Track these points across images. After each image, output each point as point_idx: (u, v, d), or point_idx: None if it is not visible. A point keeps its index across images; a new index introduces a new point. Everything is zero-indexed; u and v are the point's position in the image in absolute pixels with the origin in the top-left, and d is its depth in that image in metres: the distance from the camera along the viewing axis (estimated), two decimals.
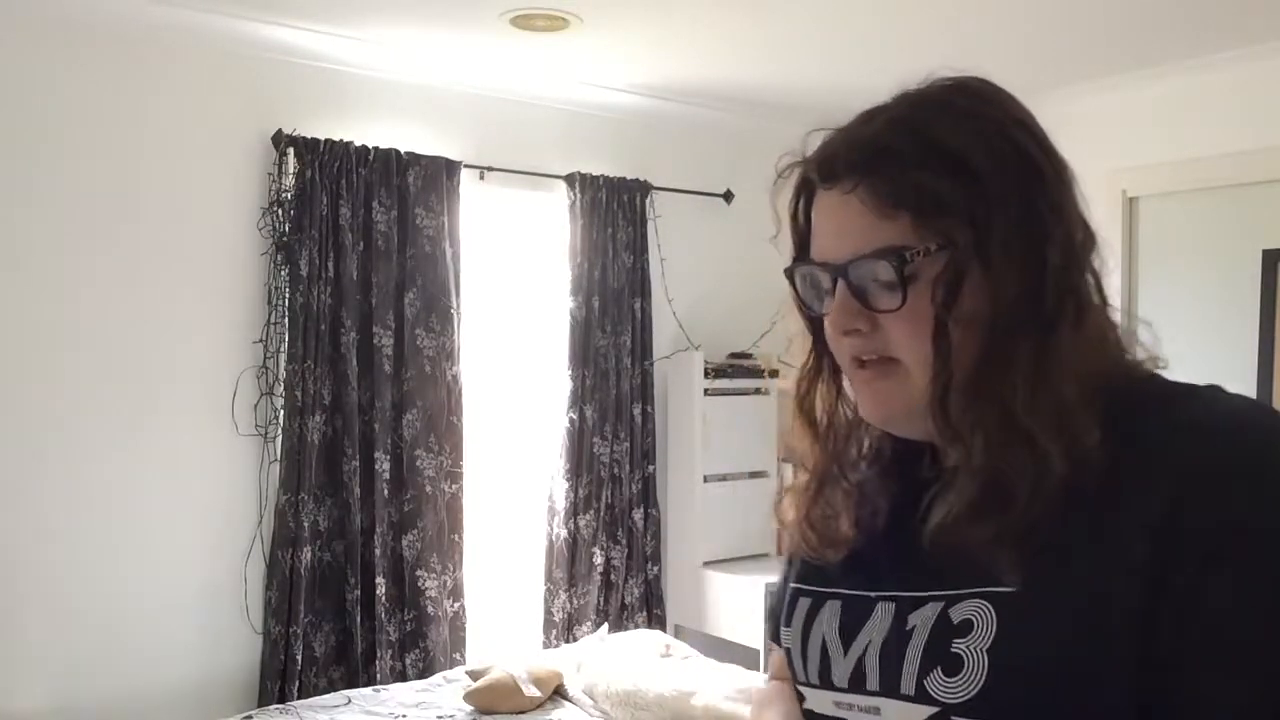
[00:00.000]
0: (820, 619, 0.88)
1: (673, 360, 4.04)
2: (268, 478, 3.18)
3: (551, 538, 3.76)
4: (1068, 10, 2.94)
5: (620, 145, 3.93)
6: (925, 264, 0.77)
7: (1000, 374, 0.76)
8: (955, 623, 0.76)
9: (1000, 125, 0.80)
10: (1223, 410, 0.75)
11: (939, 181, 0.77)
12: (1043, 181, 0.79)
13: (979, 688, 0.73)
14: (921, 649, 0.77)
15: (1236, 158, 3.29)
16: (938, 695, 0.75)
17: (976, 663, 0.73)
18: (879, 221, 0.78)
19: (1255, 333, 3.27)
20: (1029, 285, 0.77)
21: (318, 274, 3.17)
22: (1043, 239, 0.77)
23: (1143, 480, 0.71)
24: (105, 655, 2.95)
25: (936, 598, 0.78)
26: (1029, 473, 0.73)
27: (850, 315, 0.81)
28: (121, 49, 2.96)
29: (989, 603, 0.74)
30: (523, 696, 2.94)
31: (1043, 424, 0.74)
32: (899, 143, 0.79)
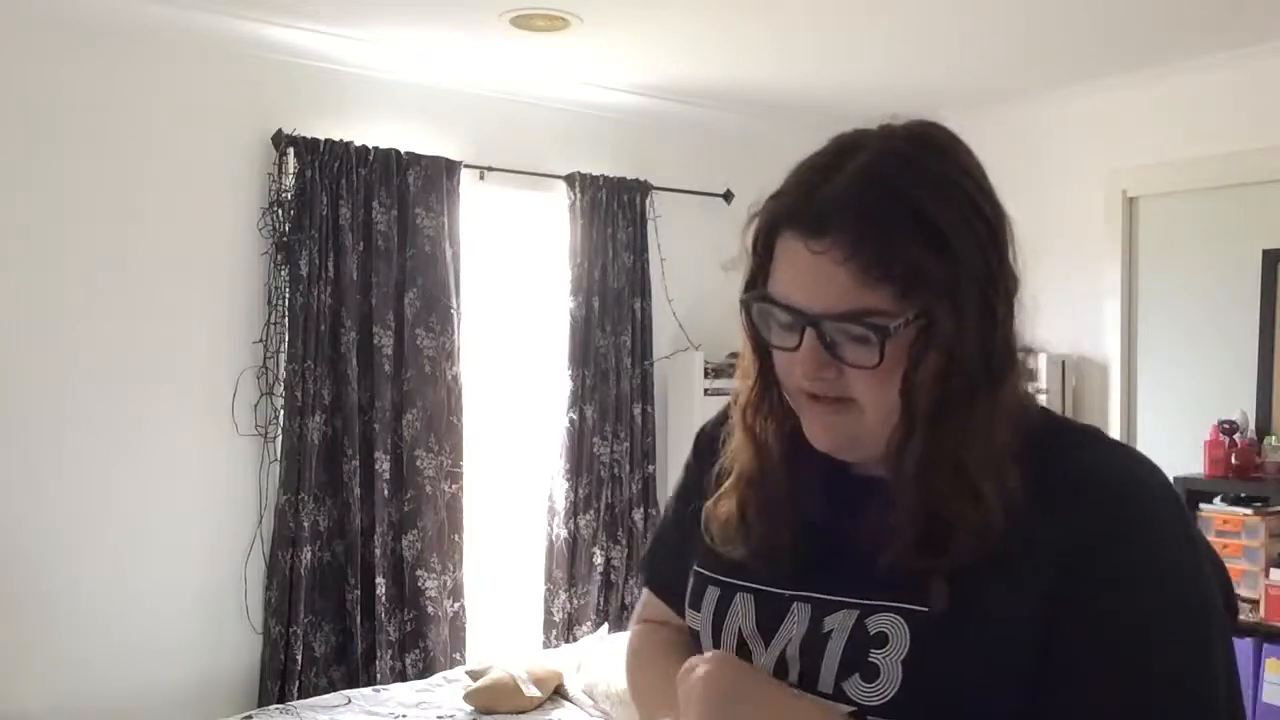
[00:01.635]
0: (734, 611, 0.93)
1: (673, 360, 4.04)
2: (268, 478, 3.18)
3: (551, 538, 3.76)
4: (1067, 10, 2.94)
5: (620, 145, 3.93)
6: (906, 331, 0.81)
7: (956, 430, 0.82)
8: (871, 634, 0.82)
9: (965, 189, 0.83)
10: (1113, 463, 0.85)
11: (923, 256, 0.80)
12: (995, 238, 0.84)
13: (893, 693, 0.80)
14: (839, 654, 0.84)
15: (1236, 158, 3.29)
16: (855, 698, 0.82)
17: (891, 672, 0.80)
18: (859, 286, 0.80)
19: (1255, 333, 3.27)
20: (984, 344, 0.82)
21: (318, 274, 3.17)
22: (995, 296, 0.83)
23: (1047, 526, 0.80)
24: (105, 655, 2.95)
25: (850, 605, 0.85)
26: (974, 521, 0.80)
27: (819, 365, 0.84)
28: (121, 49, 2.96)
29: (903, 618, 0.81)
30: (523, 696, 2.94)
31: (989, 478, 0.81)
32: (886, 211, 0.80)
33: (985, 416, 0.82)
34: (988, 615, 0.79)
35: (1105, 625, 0.78)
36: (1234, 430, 3.16)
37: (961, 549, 0.80)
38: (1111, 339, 3.61)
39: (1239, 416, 3.20)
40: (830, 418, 0.87)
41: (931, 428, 0.82)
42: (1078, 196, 3.69)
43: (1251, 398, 3.26)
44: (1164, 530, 0.81)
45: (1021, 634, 0.78)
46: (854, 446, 0.88)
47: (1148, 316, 3.58)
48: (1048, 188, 3.72)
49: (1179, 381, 3.48)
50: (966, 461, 0.81)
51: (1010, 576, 0.79)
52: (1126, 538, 0.79)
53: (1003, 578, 0.79)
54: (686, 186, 4.05)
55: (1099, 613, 0.78)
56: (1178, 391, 3.47)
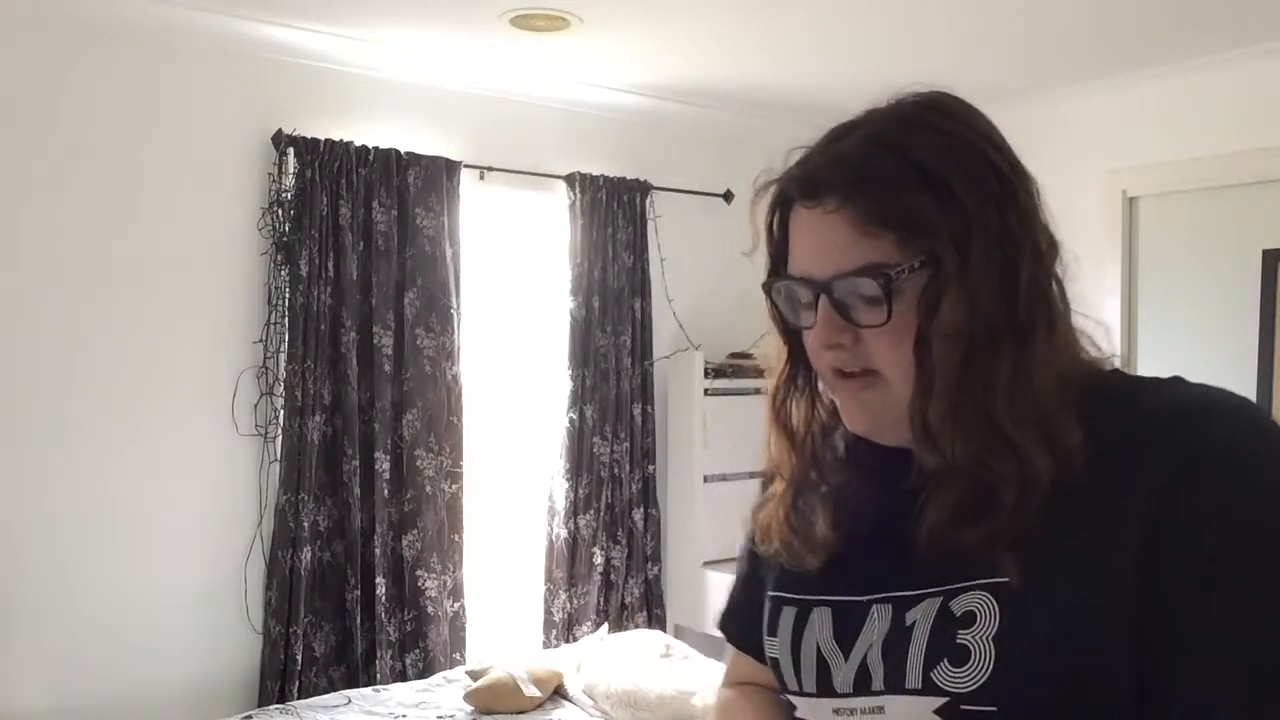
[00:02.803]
0: (810, 627, 0.88)
1: (673, 360, 4.04)
2: (268, 478, 3.18)
3: (551, 538, 3.76)
4: (1067, 10, 2.94)
5: (620, 145, 3.93)
6: (908, 280, 0.79)
7: (981, 383, 0.78)
8: (958, 615, 0.77)
9: (972, 142, 0.83)
10: (1190, 398, 0.78)
11: (922, 202, 0.79)
12: (1013, 196, 0.82)
13: (987, 675, 0.75)
14: (925, 642, 0.79)
15: (1236, 158, 3.29)
16: (945, 686, 0.76)
17: (983, 651, 0.75)
18: (862, 239, 0.80)
19: (1255, 333, 3.27)
20: (1005, 297, 0.79)
21: (318, 274, 3.17)
22: (1015, 252, 0.80)
23: (1129, 471, 0.74)
24: (105, 655, 2.95)
25: (933, 594, 0.80)
26: (1014, 477, 0.76)
27: (834, 330, 0.82)
28: (121, 49, 2.96)
29: (990, 594, 0.76)
30: (523, 696, 2.94)
31: (1025, 429, 0.77)
32: (881, 162, 0.81)
33: (1013, 368, 0.78)
34: (1077, 574, 0.74)
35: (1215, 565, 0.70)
36: None
37: (1008, 510, 0.75)
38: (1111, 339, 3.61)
39: None
40: (860, 394, 0.84)
41: (952, 384, 0.79)
42: (1078, 196, 3.69)
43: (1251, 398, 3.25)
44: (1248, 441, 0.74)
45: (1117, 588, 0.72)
46: (891, 425, 0.84)
47: (1148, 316, 3.58)
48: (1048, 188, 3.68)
49: None
50: (994, 414, 0.77)
51: (1094, 528, 0.74)
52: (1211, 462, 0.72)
53: (1087, 531, 0.74)
54: (686, 186, 4.04)
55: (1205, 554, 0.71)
56: None
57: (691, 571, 3.99)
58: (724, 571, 3.89)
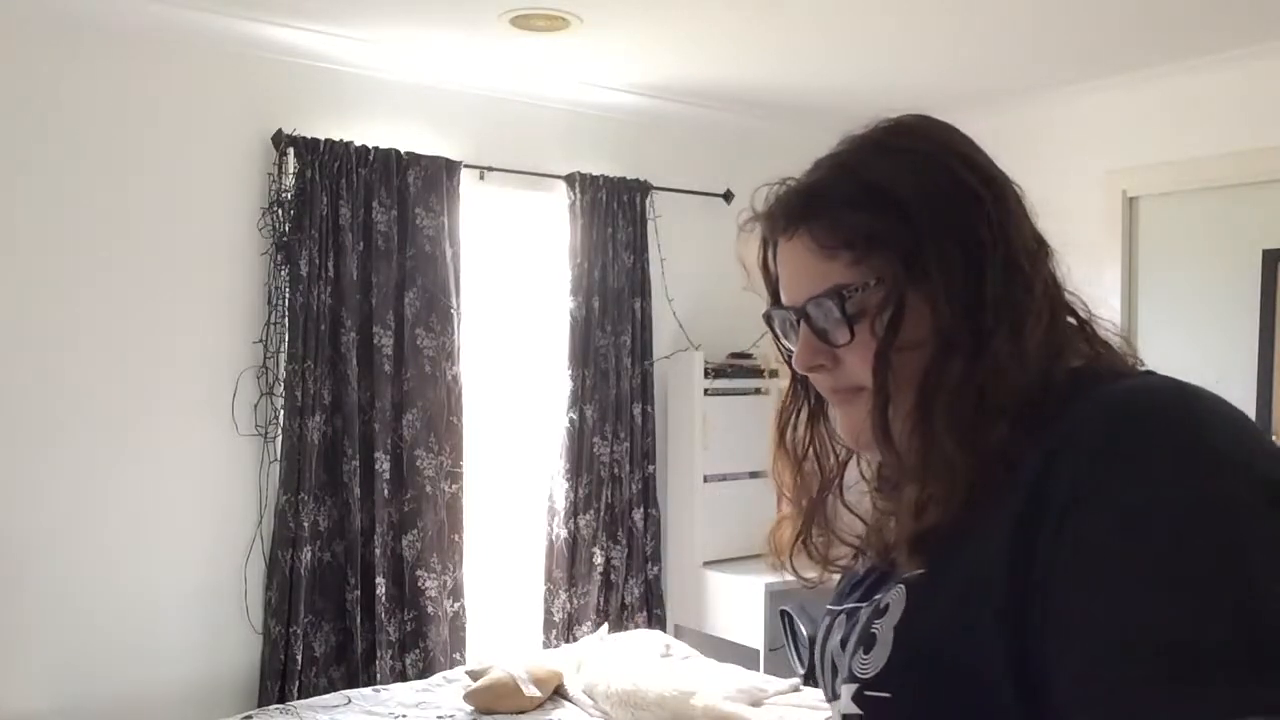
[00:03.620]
0: (831, 636, 0.92)
1: (673, 360, 4.04)
2: (268, 478, 3.18)
3: (551, 538, 3.76)
4: (1068, 10, 2.94)
5: (620, 145, 3.93)
6: (868, 298, 0.82)
7: (930, 393, 0.80)
8: (880, 607, 0.81)
9: (929, 156, 0.84)
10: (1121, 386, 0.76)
11: (870, 220, 0.81)
12: (977, 205, 0.82)
13: (884, 662, 0.78)
14: (856, 635, 0.83)
15: (1236, 158, 3.29)
16: (856, 672, 0.80)
17: (885, 640, 0.79)
18: (823, 262, 0.83)
19: (1255, 333, 3.27)
20: (965, 306, 0.80)
21: (318, 274, 3.17)
22: (981, 261, 0.80)
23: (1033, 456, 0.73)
24: (105, 655, 2.95)
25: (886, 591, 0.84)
26: (944, 479, 0.78)
27: (812, 353, 0.86)
28: (121, 49, 2.96)
29: (904, 586, 0.80)
30: (523, 696, 2.94)
31: (954, 436, 0.78)
32: (833, 186, 0.84)
33: (962, 376, 0.78)
34: (963, 567, 0.74)
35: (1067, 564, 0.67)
36: None
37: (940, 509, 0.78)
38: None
39: None
40: (848, 409, 0.87)
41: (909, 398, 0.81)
42: (1078, 196, 3.69)
43: (1251, 398, 3.26)
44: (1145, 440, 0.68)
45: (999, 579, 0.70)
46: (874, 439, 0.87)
47: (1148, 316, 3.58)
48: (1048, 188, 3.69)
49: None
50: (934, 420, 0.79)
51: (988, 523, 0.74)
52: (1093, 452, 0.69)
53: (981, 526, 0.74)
54: (686, 186, 4.04)
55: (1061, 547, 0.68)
56: None
57: (691, 571, 3.99)
58: (724, 571, 3.89)
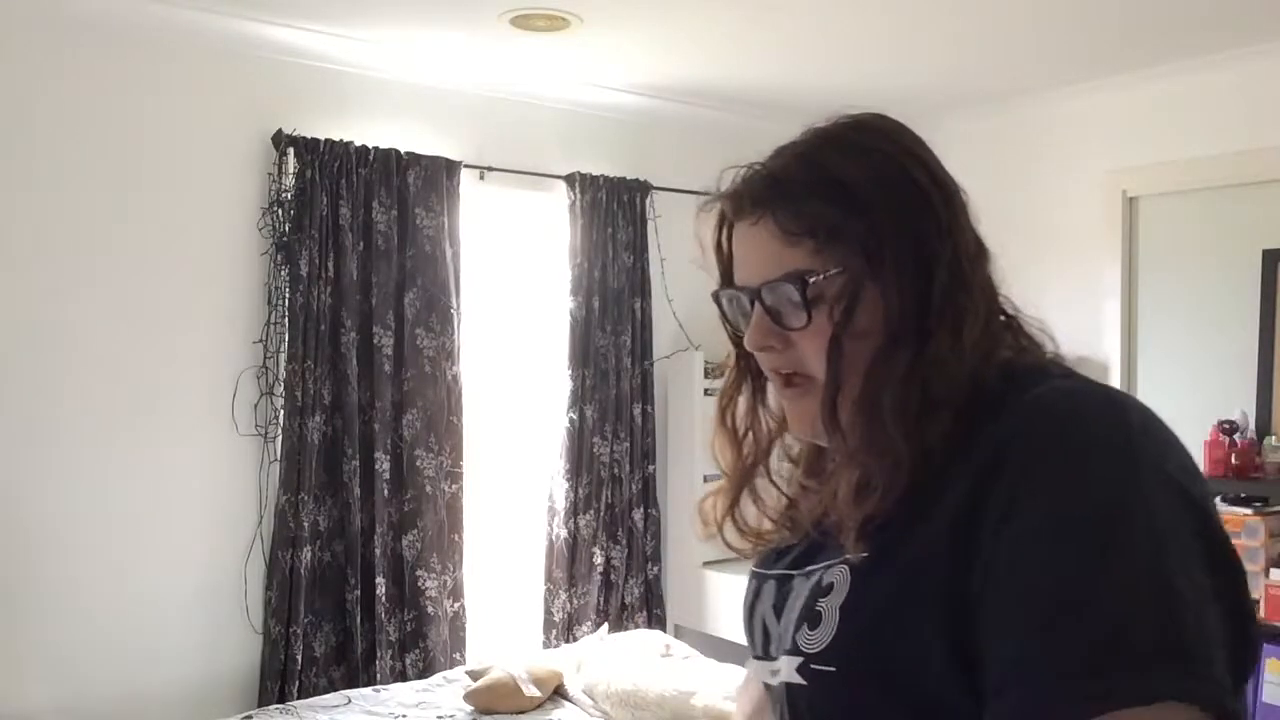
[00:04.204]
0: (761, 600, 0.96)
1: (673, 360, 4.03)
2: (268, 478, 3.18)
3: (551, 538, 3.76)
4: (1068, 10, 2.94)
5: (620, 145, 3.93)
6: (826, 285, 0.85)
7: (877, 383, 0.84)
8: (823, 585, 0.85)
9: (890, 157, 0.88)
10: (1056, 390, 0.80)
11: (833, 212, 0.85)
12: (930, 208, 0.86)
13: (830, 638, 0.82)
14: (798, 609, 0.87)
15: (1236, 158, 3.29)
16: (802, 647, 0.84)
17: (830, 618, 0.82)
18: (785, 249, 0.87)
19: (1255, 333, 3.27)
20: (914, 301, 0.84)
21: (318, 274, 3.17)
22: (930, 261, 0.85)
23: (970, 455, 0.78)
24: (105, 655, 2.95)
25: (824, 568, 0.88)
26: (884, 465, 0.82)
27: (764, 334, 0.89)
28: (121, 49, 2.96)
29: (847, 566, 0.84)
30: (523, 696, 2.94)
31: (901, 424, 0.82)
32: (798, 175, 0.88)
33: (908, 367, 0.83)
34: (908, 553, 0.79)
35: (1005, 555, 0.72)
36: (1234, 430, 3.16)
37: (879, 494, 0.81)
38: (1111, 339, 3.61)
39: (1239, 416, 3.19)
40: (801, 399, 0.90)
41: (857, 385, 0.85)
42: (1078, 196, 3.69)
43: (1251, 398, 3.26)
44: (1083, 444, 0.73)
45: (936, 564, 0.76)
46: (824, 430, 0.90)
47: (1148, 316, 3.58)
48: (1048, 188, 3.72)
49: (1179, 381, 3.48)
50: (880, 408, 0.83)
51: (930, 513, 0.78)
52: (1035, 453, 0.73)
53: (924, 515, 0.79)
54: (686, 186, 4.04)
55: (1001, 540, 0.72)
56: (1178, 391, 3.46)
57: (691, 571, 3.99)
58: (724, 571, 3.89)
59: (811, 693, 0.83)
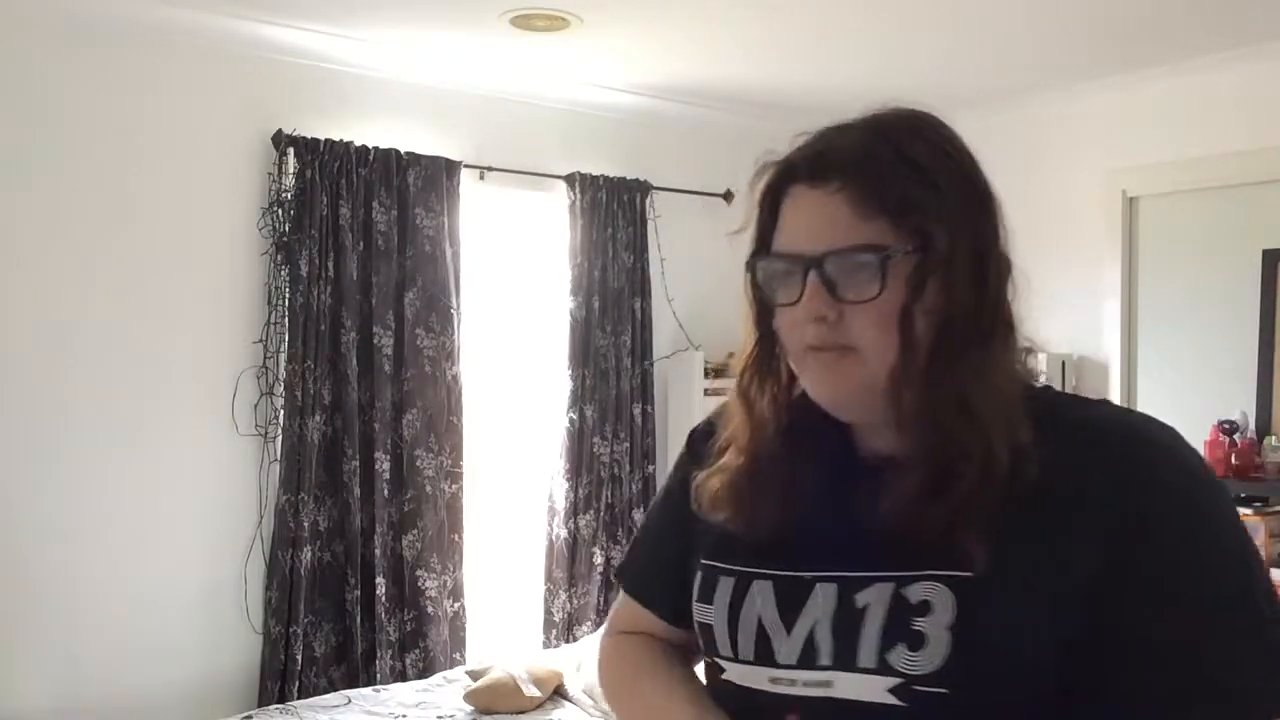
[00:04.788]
0: (751, 599, 0.92)
1: (673, 360, 4.04)
2: (268, 478, 3.18)
3: (551, 538, 3.76)
4: (1067, 11, 2.94)
5: (620, 145, 3.93)
6: (901, 262, 0.85)
7: (954, 368, 0.84)
8: (913, 602, 0.82)
9: (960, 151, 0.90)
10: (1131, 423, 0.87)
11: (917, 191, 0.85)
12: (987, 210, 0.90)
13: (940, 661, 0.80)
14: (880, 626, 0.83)
15: (1236, 158, 3.29)
16: (900, 667, 0.82)
17: (938, 640, 0.80)
18: (859, 221, 0.85)
19: (1255, 333, 3.27)
20: (976, 294, 0.86)
21: (318, 274, 3.17)
22: (987, 257, 0.88)
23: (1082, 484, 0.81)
24: (105, 655, 2.95)
25: (884, 579, 0.85)
26: (979, 459, 0.82)
27: (820, 303, 0.87)
28: (121, 49, 2.96)
29: (944, 585, 0.82)
30: (523, 696, 2.94)
31: (991, 415, 0.83)
32: (882, 151, 0.87)
33: (982, 359, 0.85)
34: (1034, 575, 0.80)
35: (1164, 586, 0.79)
36: (1234, 430, 3.16)
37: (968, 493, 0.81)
38: (1111, 339, 3.61)
39: (1239, 416, 3.20)
40: (832, 366, 0.88)
41: (931, 362, 0.84)
42: (1078, 196, 3.69)
43: (1251, 398, 3.26)
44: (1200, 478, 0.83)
45: (1071, 593, 0.79)
46: (856, 400, 0.89)
47: (1148, 316, 3.58)
48: (1048, 188, 3.72)
49: (1179, 381, 3.48)
50: (969, 397, 0.83)
51: (1054, 534, 0.81)
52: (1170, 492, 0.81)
53: (1046, 536, 0.81)
54: (686, 186, 4.05)
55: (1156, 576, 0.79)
56: (1178, 391, 3.46)
57: None
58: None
59: (910, 714, 0.82)
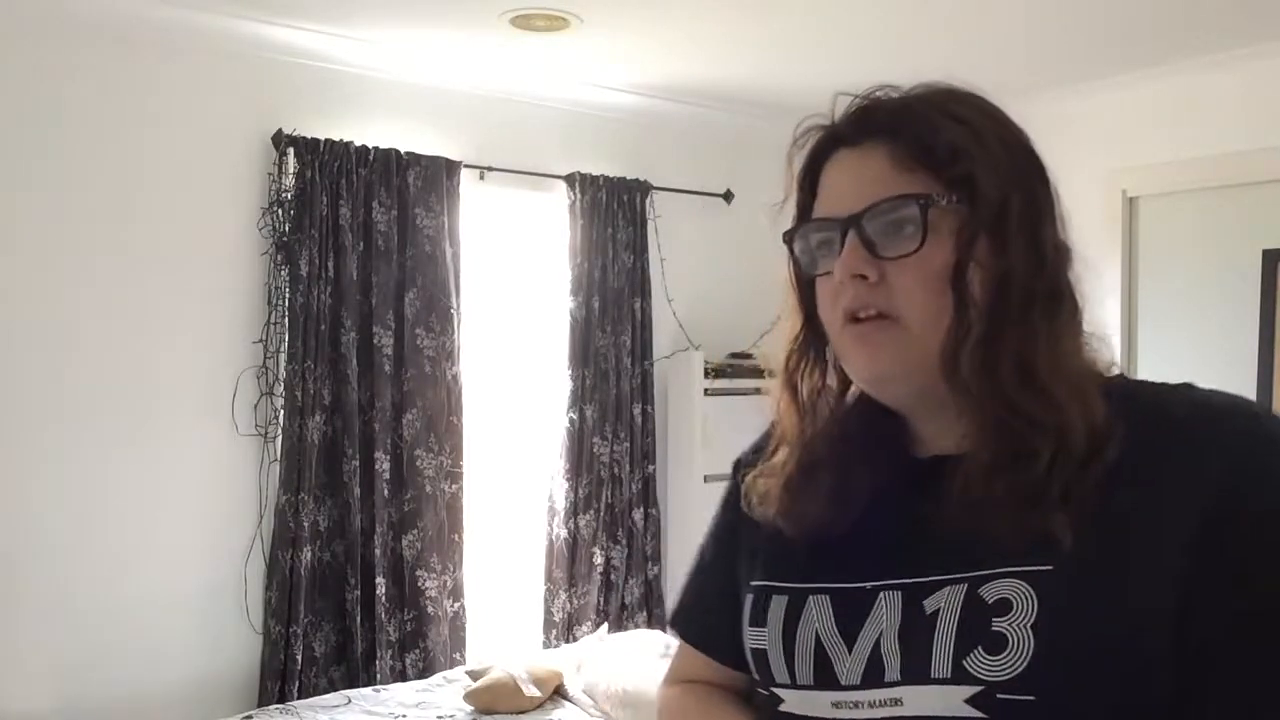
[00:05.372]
0: (807, 617, 0.84)
1: (673, 360, 4.03)
2: (268, 478, 3.18)
3: (551, 538, 3.76)
4: (1067, 10, 2.94)
5: (620, 145, 3.93)
6: (944, 216, 0.79)
7: (1016, 329, 0.77)
8: (990, 602, 0.74)
9: (1006, 122, 0.86)
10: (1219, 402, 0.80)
11: (964, 143, 0.80)
12: (1045, 182, 0.85)
13: (1025, 664, 0.72)
14: (954, 631, 0.75)
15: (1236, 158, 3.29)
16: (980, 674, 0.74)
17: (1021, 640, 0.72)
18: (899, 174, 0.81)
19: (1255, 333, 3.27)
20: (1031, 264, 0.79)
21: (318, 274, 3.17)
22: (1042, 228, 0.82)
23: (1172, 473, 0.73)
24: (105, 655, 2.95)
25: (955, 580, 0.77)
26: (1050, 435, 0.74)
27: (859, 260, 0.81)
28: (121, 49, 2.96)
29: (1024, 581, 0.74)
30: (523, 696, 2.94)
31: (1061, 385, 0.75)
32: (925, 109, 0.84)
33: (1048, 325, 0.77)
34: (1124, 568, 0.72)
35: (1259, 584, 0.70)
36: None
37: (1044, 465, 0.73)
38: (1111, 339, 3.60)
39: None
40: (874, 337, 0.81)
41: (989, 324, 0.77)
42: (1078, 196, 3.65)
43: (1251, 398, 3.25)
44: None
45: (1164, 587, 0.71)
46: (899, 373, 0.82)
47: (1148, 316, 3.58)
48: None
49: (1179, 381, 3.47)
50: (1034, 362, 0.76)
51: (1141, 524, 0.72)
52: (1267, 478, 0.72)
53: (1135, 524, 0.73)
54: (686, 186, 4.04)
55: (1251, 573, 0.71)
56: None
57: None
58: None
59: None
